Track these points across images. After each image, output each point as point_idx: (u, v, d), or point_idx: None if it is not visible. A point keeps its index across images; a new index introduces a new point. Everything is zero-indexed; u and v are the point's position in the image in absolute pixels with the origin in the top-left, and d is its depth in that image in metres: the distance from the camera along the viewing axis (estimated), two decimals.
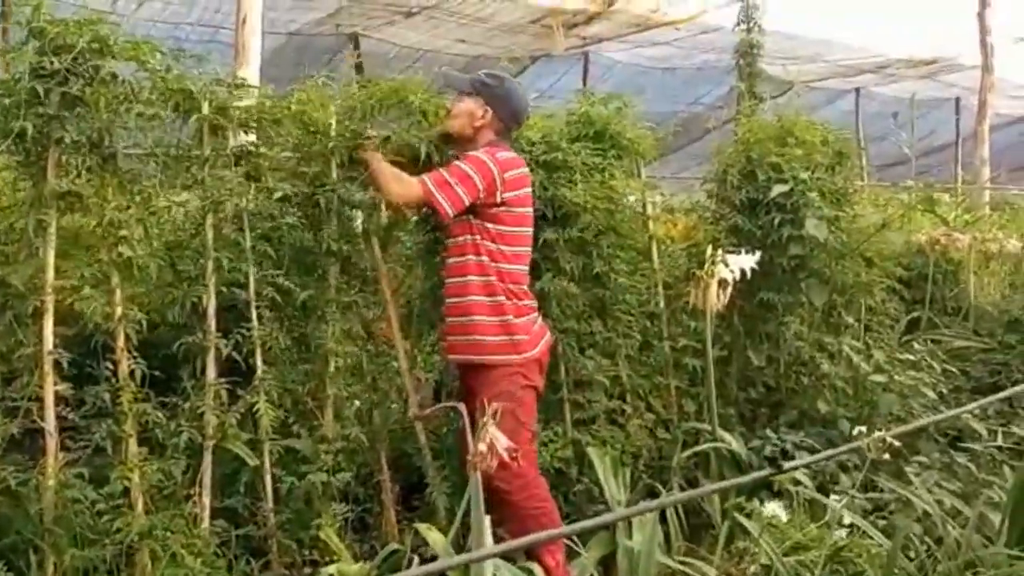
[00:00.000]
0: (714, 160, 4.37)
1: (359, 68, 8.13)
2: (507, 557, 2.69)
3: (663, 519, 3.28)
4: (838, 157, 4.38)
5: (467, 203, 3.00)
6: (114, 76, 2.61)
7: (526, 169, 3.18)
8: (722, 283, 3.56)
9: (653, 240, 4.01)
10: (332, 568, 2.65)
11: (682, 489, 3.51)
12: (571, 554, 3.04)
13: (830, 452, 2.32)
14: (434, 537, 2.73)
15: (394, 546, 2.87)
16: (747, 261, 3.59)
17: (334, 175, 3.15)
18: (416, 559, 2.71)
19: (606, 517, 2.12)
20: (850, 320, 4.42)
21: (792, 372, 4.23)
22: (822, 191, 4.16)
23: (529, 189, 3.17)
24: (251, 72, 4.42)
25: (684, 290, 3.80)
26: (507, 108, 3.16)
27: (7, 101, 2.48)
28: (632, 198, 3.96)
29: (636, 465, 3.58)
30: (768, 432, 3.84)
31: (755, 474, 2.87)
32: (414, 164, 3.16)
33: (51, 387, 2.52)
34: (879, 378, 4.05)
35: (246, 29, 4.56)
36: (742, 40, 9.38)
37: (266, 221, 3.08)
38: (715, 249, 3.61)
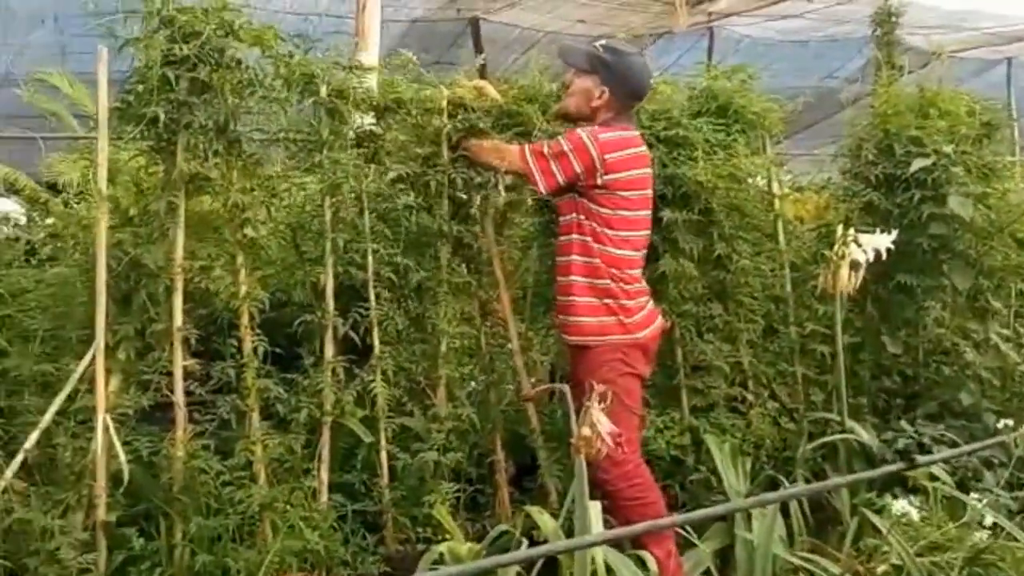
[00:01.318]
0: (847, 134, 4.13)
1: (480, 52, 8.20)
2: (616, 545, 2.63)
3: (786, 513, 3.13)
4: (986, 129, 4.05)
5: (561, 181, 2.94)
6: (238, 62, 2.70)
7: (641, 149, 3.04)
8: (854, 265, 3.37)
9: (779, 220, 3.83)
10: (443, 547, 2.66)
11: (807, 482, 3.35)
12: (687, 544, 2.94)
13: (970, 447, 2.14)
14: (544, 521, 2.71)
15: (504, 527, 2.86)
16: (882, 241, 3.38)
17: (445, 156, 3.16)
18: (526, 542, 2.69)
19: (717, 509, 2.03)
20: (998, 306, 4.09)
21: (932, 361, 3.95)
22: (967, 166, 3.86)
23: (643, 171, 3.03)
24: (371, 58, 4.49)
25: (813, 272, 3.62)
26: (625, 86, 3.04)
27: (140, 88, 2.60)
28: (758, 176, 3.79)
29: (757, 455, 3.43)
30: (903, 424, 3.61)
31: (886, 467, 2.71)
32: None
33: (180, 362, 2.64)
34: None
35: (366, 15, 4.65)
36: (879, 7, 8.84)
37: (385, 202, 3.12)
38: (847, 228, 3.42)
